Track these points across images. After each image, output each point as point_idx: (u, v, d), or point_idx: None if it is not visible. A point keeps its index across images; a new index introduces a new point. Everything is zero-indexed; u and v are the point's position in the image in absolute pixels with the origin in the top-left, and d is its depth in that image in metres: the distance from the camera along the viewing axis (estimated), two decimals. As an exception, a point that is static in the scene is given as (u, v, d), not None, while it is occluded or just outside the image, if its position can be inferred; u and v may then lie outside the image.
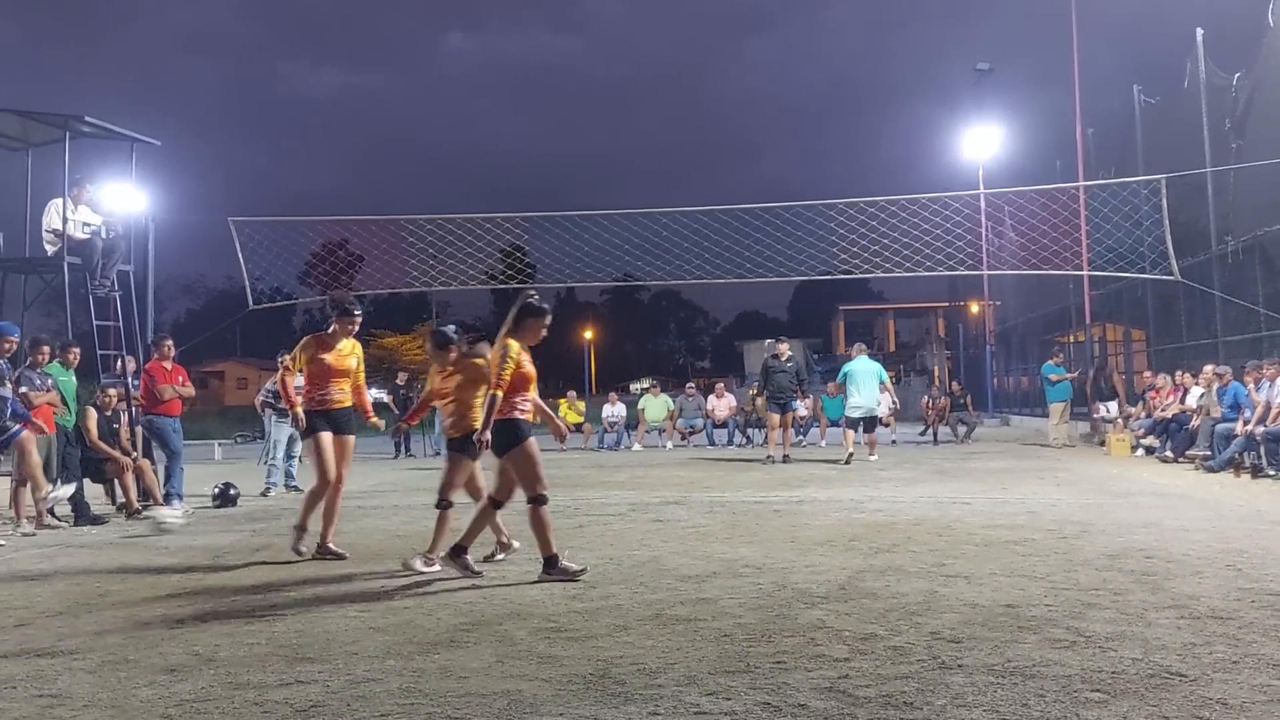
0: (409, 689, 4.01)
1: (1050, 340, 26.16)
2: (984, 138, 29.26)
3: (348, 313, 7.75)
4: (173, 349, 11.35)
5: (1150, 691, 3.73)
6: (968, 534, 7.72)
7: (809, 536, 7.83)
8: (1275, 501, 9.58)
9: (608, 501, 10.79)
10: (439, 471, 7.08)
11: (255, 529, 9.37)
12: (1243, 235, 15.70)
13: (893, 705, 3.66)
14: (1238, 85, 16.03)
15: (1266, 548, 6.86)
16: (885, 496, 10.68)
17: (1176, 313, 18.55)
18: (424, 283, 15.61)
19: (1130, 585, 5.65)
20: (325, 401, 7.59)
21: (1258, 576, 5.84)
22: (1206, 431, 13.44)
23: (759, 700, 3.75)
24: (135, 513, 10.40)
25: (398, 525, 9.27)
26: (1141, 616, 4.90)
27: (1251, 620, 4.77)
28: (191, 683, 4.18)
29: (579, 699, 3.84)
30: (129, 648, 4.82)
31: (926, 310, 59.16)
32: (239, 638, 4.95)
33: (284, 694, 3.99)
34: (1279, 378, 11.81)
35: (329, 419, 7.59)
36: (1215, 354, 16.11)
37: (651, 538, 7.99)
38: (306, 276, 32.83)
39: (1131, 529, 7.69)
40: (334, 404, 7.62)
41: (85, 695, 4.05)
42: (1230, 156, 16.02)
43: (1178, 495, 10.20)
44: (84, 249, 11.45)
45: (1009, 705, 3.62)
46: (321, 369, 7.58)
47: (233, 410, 33.81)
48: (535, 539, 6.48)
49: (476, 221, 14.87)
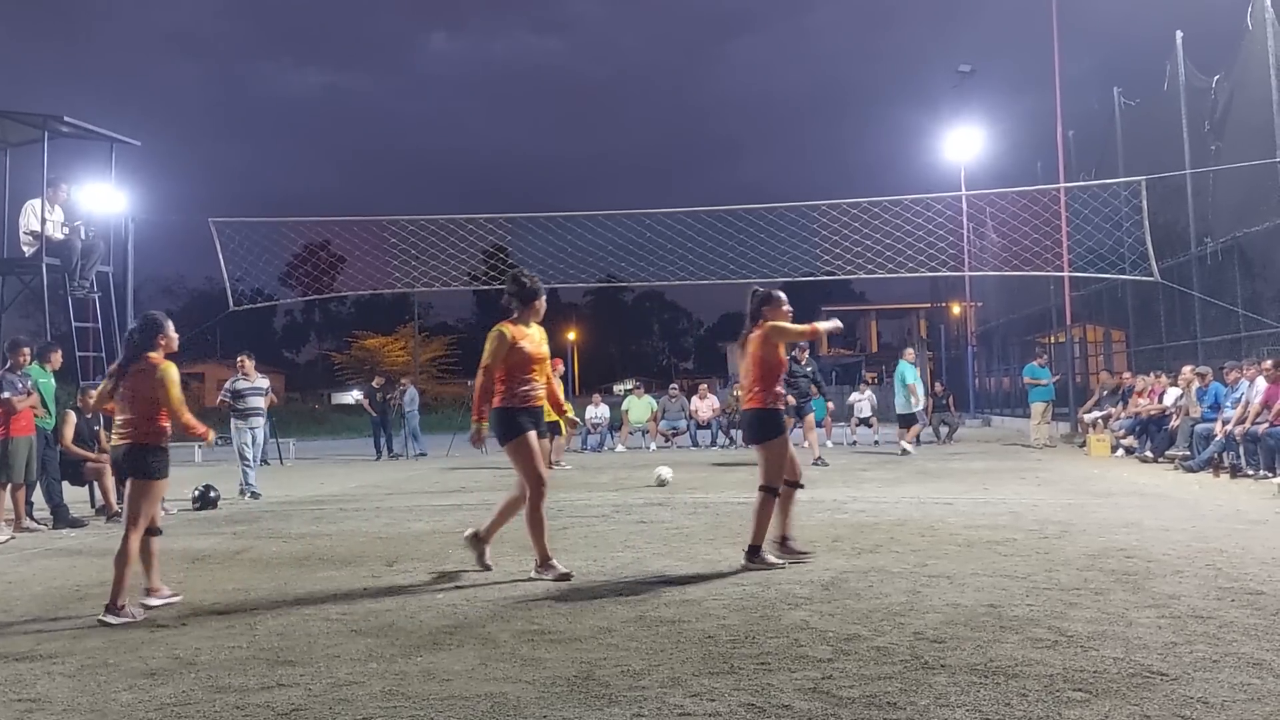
0: (391, 692, 4.00)
1: (1031, 341, 26.30)
2: (966, 139, 29.38)
3: (537, 293, 6.80)
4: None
5: (1132, 690, 3.75)
6: (950, 534, 7.75)
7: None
8: (1254, 501, 9.65)
9: (591, 503, 10.78)
10: (506, 471, 6.66)
11: (236, 531, 9.32)
12: (1222, 236, 15.80)
13: (876, 705, 3.67)
14: (1217, 87, 16.14)
15: (1246, 547, 6.90)
16: (868, 497, 10.71)
17: (1156, 313, 18.67)
18: (406, 284, 15.57)
19: (1111, 585, 5.68)
20: (529, 398, 6.58)
21: (1237, 576, 5.88)
22: (1186, 432, 13.53)
23: (743, 701, 3.75)
24: (114, 515, 10.33)
25: (379, 527, 9.23)
26: (1123, 616, 4.92)
27: (1231, 619, 4.79)
28: (172, 686, 4.15)
29: (562, 701, 3.83)
30: (108, 651, 4.78)
31: (909, 311, 59.33)
32: (220, 641, 4.92)
33: (265, 697, 3.96)
34: (1258, 378, 11.89)
35: (533, 416, 6.61)
36: (1195, 354, 16.22)
37: (635, 539, 7.99)
38: (288, 278, 32.75)
39: (1112, 529, 7.72)
40: (536, 400, 6.63)
41: (64, 699, 4.01)
42: (1209, 158, 16.13)
43: (1157, 495, 10.26)
44: (63, 250, 11.37)
45: (991, 705, 3.63)
46: (521, 359, 6.57)
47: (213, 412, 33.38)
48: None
49: (459, 222, 14.85)
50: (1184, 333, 17.39)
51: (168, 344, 6.07)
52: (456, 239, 14.54)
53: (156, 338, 6.02)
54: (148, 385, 5.86)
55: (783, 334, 6.86)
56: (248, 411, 12.98)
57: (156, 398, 5.85)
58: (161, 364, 5.92)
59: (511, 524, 6.72)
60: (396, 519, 9.81)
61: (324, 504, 11.61)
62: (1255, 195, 14.22)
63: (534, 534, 6.45)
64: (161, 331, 6.05)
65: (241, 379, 13.04)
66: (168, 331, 6.09)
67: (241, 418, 12.94)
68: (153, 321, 6.09)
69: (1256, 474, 11.50)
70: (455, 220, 14.79)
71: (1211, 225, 16.39)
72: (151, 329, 6.03)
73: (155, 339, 6.00)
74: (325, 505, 11.44)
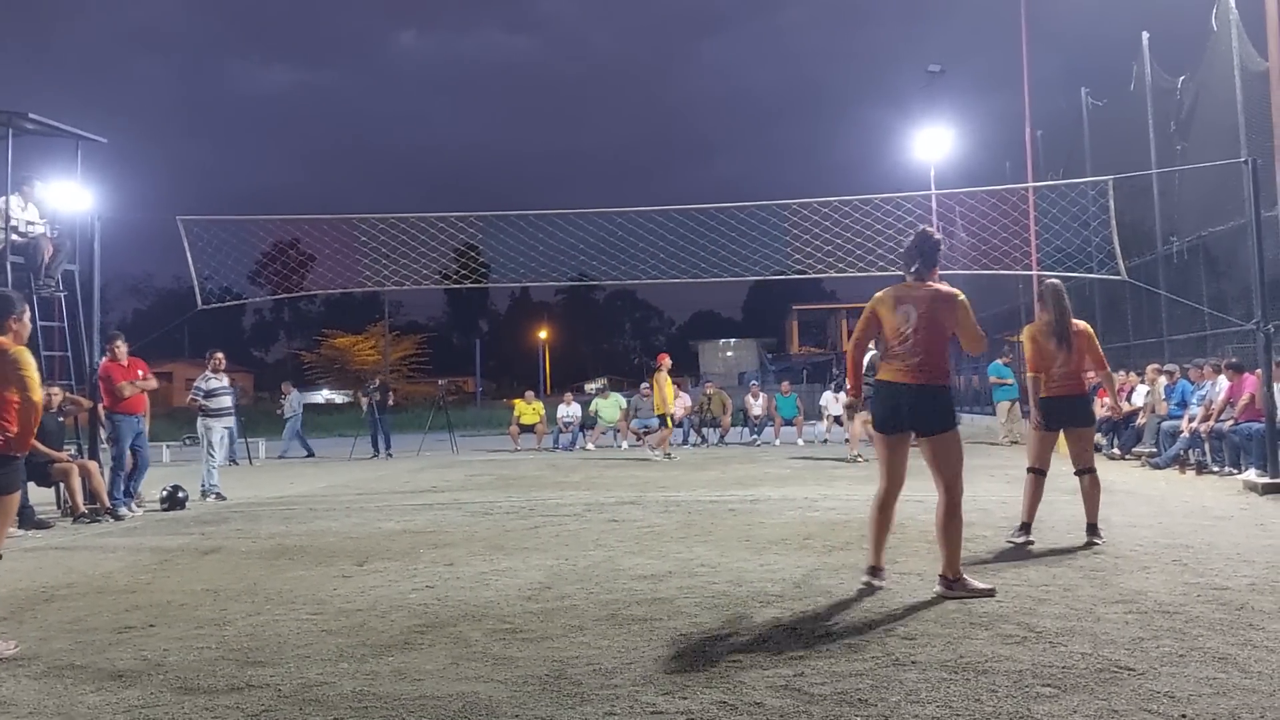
0: (362, 692, 3.97)
1: (1000, 339, 26.48)
2: (936, 139, 29.54)
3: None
4: (124, 348, 11.21)
5: (1099, 685, 3.79)
6: (920, 531, 7.79)
7: (764, 535, 7.86)
8: (1219, 497, 9.77)
9: (563, 502, 10.76)
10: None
11: (205, 532, 9.23)
12: (1187, 236, 16.00)
13: (847, 702, 3.68)
14: (1182, 88, 16.33)
15: (1211, 543, 6.99)
16: (839, 495, 10.76)
17: (1123, 312, 18.87)
18: (376, 282, 15.47)
19: (1079, 580, 5.73)
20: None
21: (1203, 571, 5.95)
22: (1152, 429, 13.68)
23: (715, 699, 3.76)
24: (81, 516, 10.22)
25: (350, 527, 9.18)
26: (1091, 611, 4.97)
27: (1197, 614, 4.85)
28: (140, 689, 4.11)
29: (535, 700, 3.82)
30: (75, 654, 4.73)
31: (879, 310, 59.57)
32: (188, 642, 4.87)
33: (234, 699, 3.93)
34: (1219, 377, 12.04)
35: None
36: (1161, 353, 16.40)
37: (607, 537, 7.98)
38: (257, 276, 32.45)
39: (1080, 525, 7.78)
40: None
41: (30, 702, 3.96)
42: (1175, 158, 16.31)
43: (1124, 492, 10.36)
44: (28, 249, 11.21)
45: (961, 700, 3.65)
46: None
47: (181, 412, 33.16)
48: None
49: (430, 220, 14.74)
50: (1151, 331, 17.59)
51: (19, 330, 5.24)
52: (427, 237, 14.45)
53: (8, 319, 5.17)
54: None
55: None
56: (219, 411, 12.88)
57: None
58: (11, 349, 5.10)
59: (483, 523, 6.69)
60: (367, 518, 9.76)
61: (294, 504, 11.53)
62: (1220, 195, 14.39)
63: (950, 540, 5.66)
64: (13, 313, 5.19)
65: (213, 377, 12.95)
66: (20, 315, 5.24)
67: (213, 416, 12.83)
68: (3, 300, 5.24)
69: (1222, 471, 11.64)
70: (426, 218, 14.70)
71: (1177, 224, 16.59)
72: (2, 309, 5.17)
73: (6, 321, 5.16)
74: (295, 505, 11.36)
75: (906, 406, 5.60)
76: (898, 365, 5.65)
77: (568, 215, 14.87)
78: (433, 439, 23.66)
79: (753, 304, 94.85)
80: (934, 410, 5.63)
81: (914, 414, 5.62)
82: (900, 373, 5.63)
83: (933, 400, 5.61)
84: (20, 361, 5.06)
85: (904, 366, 5.62)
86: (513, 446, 21.39)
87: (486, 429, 33.17)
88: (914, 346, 5.58)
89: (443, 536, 8.22)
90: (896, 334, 5.64)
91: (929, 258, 5.75)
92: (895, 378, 5.65)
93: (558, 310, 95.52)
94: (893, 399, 5.66)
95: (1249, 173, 10.74)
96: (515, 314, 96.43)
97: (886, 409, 5.72)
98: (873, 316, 5.78)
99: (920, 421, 5.62)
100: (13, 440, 5.05)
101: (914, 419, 5.63)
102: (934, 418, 5.62)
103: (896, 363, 5.65)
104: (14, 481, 5.20)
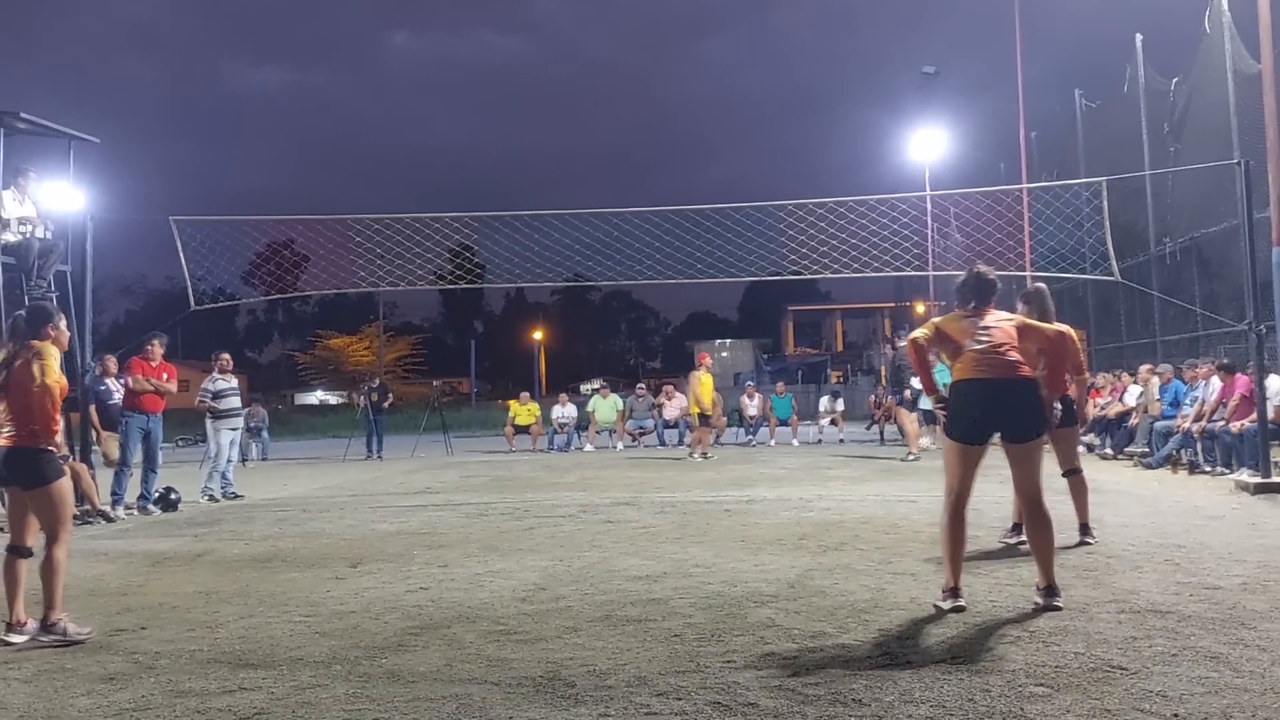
0: (356, 694, 3.96)
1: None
2: (930, 140, 29.60)
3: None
4: (160, 349, 11.26)
5: (1093, 685, 3.79)
6: (914, 531, 7.80)
7: (758, 536, 7.86)
8: (1211, 497, 9.79)
9: (558, 503, 10.75)
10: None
11: (197, 533, 9.21)
12: (1180, 237, 16.05)
13: (842, 702, 3.68)
14: (1175, 90, 16.39)
15: (1203, 542, 7.00)
16: (833, 495, 10.76)
17: (1117, 313, 18.92)
18: (371, 283, 15.43)
19: (1072, 580, 5.74)
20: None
21: (1195, 571, 5.96)
22: (1145, 429, 13.70)
23: (709, 700, 3.76)
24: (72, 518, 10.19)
25: (343, 529, 9.16)
26: (1084, 611, 4.97)
27: (1190, 614, 4.86)
28: (131, 691, 4.10)
29: (529, 701, 3.82)
30: (66, 656, 4.71)
31: (873, 310, 59.76)
32: (180, 644, 4.85)
33: (227, 701, 3.92)
34: (1212, 378, 12.07)
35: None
36: (1154, 353, 16.44)
37: (602, 538, 7.97)
38: (250, 276, 32.41)
39: (1072, 525, 7.79)
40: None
41: (21, 705, 3.95)
42: (1168, 159, 16.37)
43: (1117, 491, 10.38)
44: (19, 249, 11.18)
45: (955, 700, 3.65)
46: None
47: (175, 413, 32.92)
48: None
49: (424, 221, 14.72)
50: (1144, 331, 17.64)
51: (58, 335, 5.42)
52: (422, 237, 14.43)
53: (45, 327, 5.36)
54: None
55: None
56: (228, 412, 12.86)
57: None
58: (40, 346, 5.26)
59: (478, 524, 6.69)
60: (361, 520, 9.74)
61: (287, 505, 11.51)
62: (1213, 196, 14.44)
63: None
64: (50, 321, 5.40)
65: (220, 378, 12.94)
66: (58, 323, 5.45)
67: (221, 418, 12.80)
68: (41, 310, 5.47)
69: (1214, 471, 11.66)
70: (420, 219, 14.68)
71: (1170, 226, 16.65)
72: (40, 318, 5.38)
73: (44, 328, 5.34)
74: (289, 507, 11.34)
75: (993, 405, 5.11)
76: (978, 360, 5.15)
77: (563, 216, 14.87)
78: (427, 440, 23.63)
79: (748, 305, 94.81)
80: (1025, 410, 5.15)
81: (1001, 413, 5.12)
82: (983, 368, 5.13)
83: (1024, 397, 5.12)
84: (42, 352, 5.22)
85: (987, 361, 5.13)
86: (508, 448, 21.38)
87: (481, 430, 33.13)
88: (993, 342, 5.17)
89: (437, 538, 8.21)
90: (968, 335, 5.23)
91: (984, 297, 5.37)
92: (976, 374, 5.14)
93: (553, 311, 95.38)
94: (979, 399, 5.15)
95: (1241, 174, 10.76)
96: (510, 315, 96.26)
97: (974, 411, 5.19)
98: (934, 332, 5.39)
99: (1010, 422, 5.13)
100: (38, 432, 5.18)
101: (1001, 419, 5.13)
102: (1027, 419, 5.15)
103: (977, 358, 5.16)
104: (55, 470, 5.29)
